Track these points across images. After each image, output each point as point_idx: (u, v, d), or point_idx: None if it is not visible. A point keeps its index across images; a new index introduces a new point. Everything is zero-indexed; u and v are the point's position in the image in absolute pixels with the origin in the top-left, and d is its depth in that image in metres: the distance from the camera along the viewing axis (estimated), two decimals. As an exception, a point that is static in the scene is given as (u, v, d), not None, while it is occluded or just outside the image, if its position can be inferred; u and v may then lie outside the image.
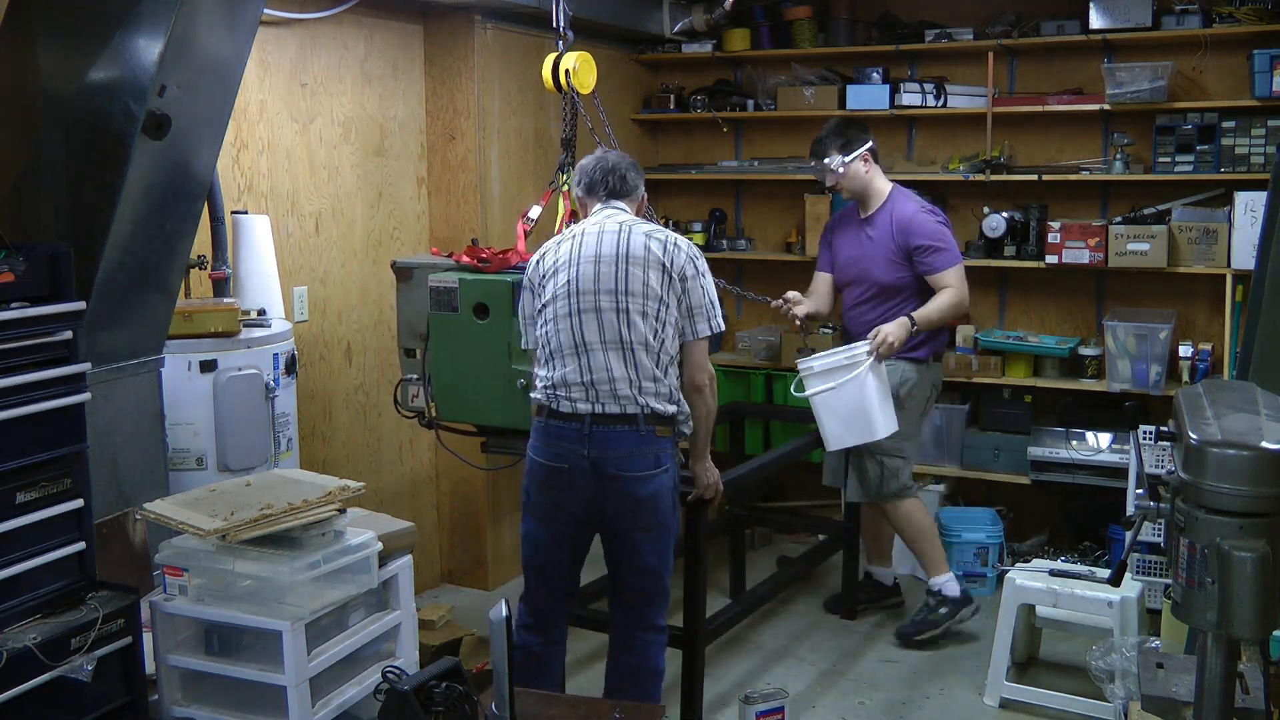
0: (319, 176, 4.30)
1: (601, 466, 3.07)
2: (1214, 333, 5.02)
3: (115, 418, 3.09)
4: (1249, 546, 1.86)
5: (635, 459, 3.07)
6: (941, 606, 4.39)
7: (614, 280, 3.09)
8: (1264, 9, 4.68)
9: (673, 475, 3.17)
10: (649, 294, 3.09)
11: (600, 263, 3.10)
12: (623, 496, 3.08)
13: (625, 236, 3.13)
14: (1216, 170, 4.79)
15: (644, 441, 3.07)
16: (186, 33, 2.86)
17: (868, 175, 4.32)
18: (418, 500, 4.88)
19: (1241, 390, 2.22)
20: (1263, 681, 2.21)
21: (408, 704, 2.23)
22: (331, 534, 2.89)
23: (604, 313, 3.08)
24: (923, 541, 4.42)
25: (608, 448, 3.06)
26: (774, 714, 3.49)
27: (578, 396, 3.09)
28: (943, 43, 5.31)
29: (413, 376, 3.86)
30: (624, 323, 3.07)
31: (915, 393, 4.34)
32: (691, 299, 3.14)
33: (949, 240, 4.25)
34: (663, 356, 3.10)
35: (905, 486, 4.38)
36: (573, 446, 3.08)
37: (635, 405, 3.06)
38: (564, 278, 3.13)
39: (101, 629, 2.64)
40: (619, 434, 3.06)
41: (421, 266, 3.80)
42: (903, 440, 4.31)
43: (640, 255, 3.10)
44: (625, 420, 3.06)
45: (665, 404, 3.09)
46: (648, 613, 3.23)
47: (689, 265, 3.14)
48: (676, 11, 5.68)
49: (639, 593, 3.21)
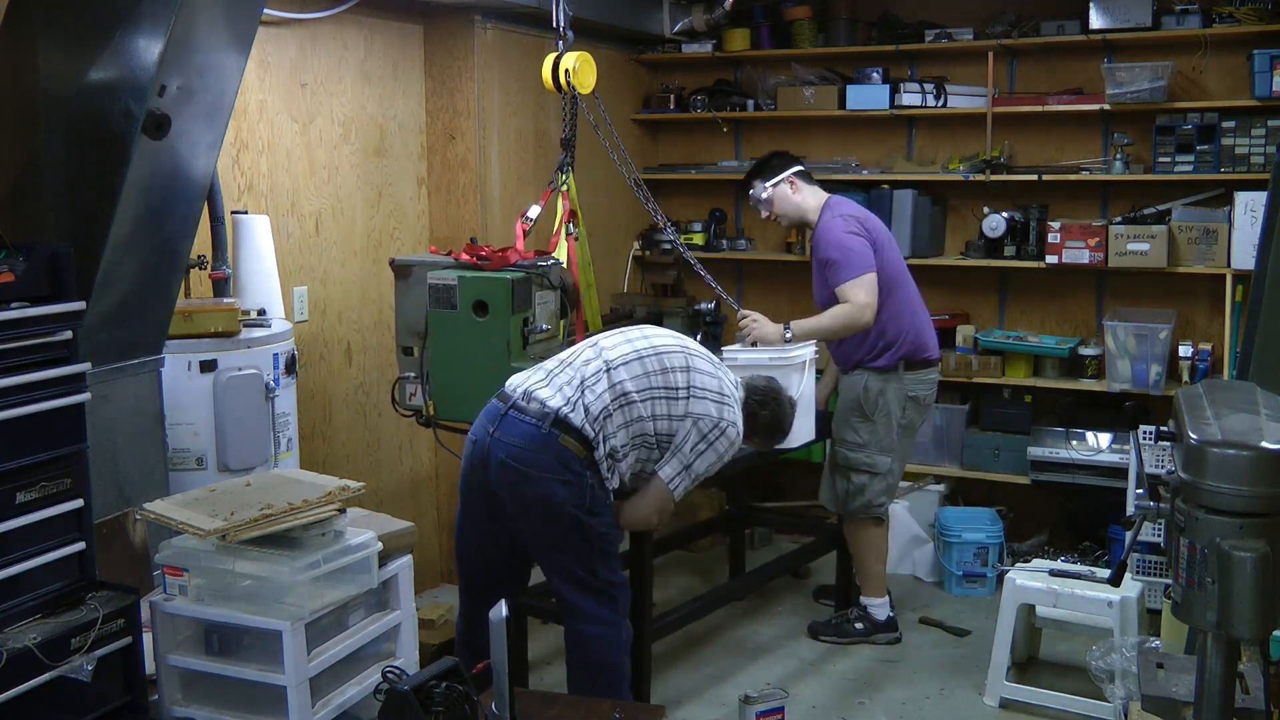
0: (319, 176, 4.30)
1: (491, 451, 3.04)
2: (1214, 333, 5.02)
3: (115, 418, 3.09)
4: (1249, 546, 1.86)
5: (525, 452, 3.01)
6: (860, 622, 4.41)
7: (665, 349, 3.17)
8: (1264, 9, 4.68)
9: (576, 492, 3.01)
10: (666, 375, 3.12)
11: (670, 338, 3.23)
12: (509, 487, 3.04)
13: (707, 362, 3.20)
14: (1216, 170, 4.78)
15: (541, 440, 3.00)
16: (186, 33, 2.86)
17: (798, 199, 4.25)
18: (418, 500, 4.89)
19: (1241, 390, 2.22)
20: (1263, 681, 2.21)
21: (408, 704, 2.23)
22: (331, 534, 2.89)
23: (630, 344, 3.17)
24: (868, 561, 4.38)
25: (509, 431, 3.03)
26: (774, 714, 3.50)
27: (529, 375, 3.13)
28: (943, 43, 5.31)
29: (410, 374, 3.86)
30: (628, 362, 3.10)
31: (880, 403, 4.21)
32: (684, 441, 3.11)
33: (851, 251, 4.05)
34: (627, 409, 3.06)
35: (871, 505, 4.27)
36: (485, 423, 3.10)
37: (556, 403, 3.02)
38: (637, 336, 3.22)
39: (101, 629, 2.63)
40: (521, 423, 3.03)
41: (420, 264, 3.80)
42: (874, 454, 4.23)
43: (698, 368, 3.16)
44: (536, 414, 3.02)
45: (587, 425, 3.02)
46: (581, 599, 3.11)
47: (707, 421, 3.12)
48: (676, 11, 5.68)
49: (560, 584, 3.14)
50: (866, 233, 4.13)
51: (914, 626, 4.57)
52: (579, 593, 3.11)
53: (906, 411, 4.26)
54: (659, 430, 3.11)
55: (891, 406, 4.22)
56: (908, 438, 4.36)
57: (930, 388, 4.33)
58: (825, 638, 4.43)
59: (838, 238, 4.10)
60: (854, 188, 5.41)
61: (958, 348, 5.25)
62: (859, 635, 4.40)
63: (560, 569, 3.13)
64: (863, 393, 4.22)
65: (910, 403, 4.26)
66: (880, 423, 4.23)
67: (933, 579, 5.03)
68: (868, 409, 4.22)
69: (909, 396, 4.24)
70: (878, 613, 4.41)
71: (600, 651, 3.13)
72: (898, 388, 4.22)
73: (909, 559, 5.11)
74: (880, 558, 4.38)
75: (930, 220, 5.36)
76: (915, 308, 4.28)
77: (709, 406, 3.12)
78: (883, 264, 4.13)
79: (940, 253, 5.51)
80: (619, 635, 3.15)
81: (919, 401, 4.29)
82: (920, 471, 5.32)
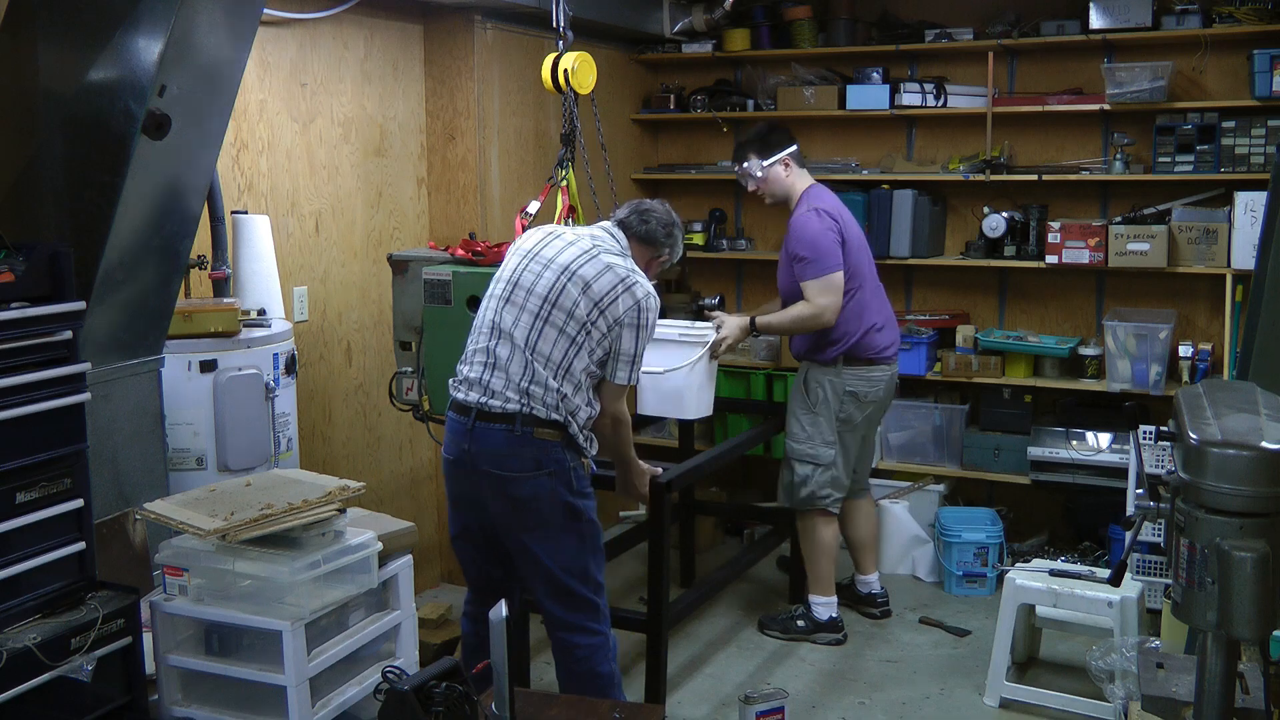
0: (319, 176, 4.30)
1: (477, 463, 3.07)
2: (1214, 333, 5.02)
3: (115, 418, 3.09)
4: (1249, 546, 1.86)
5: (510, 459, 3.04)
6: (802, 620, 4.43)
7: (549, 289, 3.09)
8: (1264, 9, 4.68)
9: (563, 480, 3.07)
10: (573, 315, 3.07)
11: (549, 268, 3.12)
12: (499, 495, 3.07)
13: (587, 258, 3.13)
14: (1216, 170, 4.78)
15: (519, 442, 3.03)
16: (186, 33, 2.86)
17: (789, 180, 4.26)
18: (418, 500, 4.89)
19: (1241, 390, 2.22)
20: (1263, 681, 2.21)
21: (408, 704, 2.23)
22: (331, 534, 2.89)
23: (525, 312, 3.10)
24: (816, 559, 4.39)
25: (484, 443, 3.05)
26: (774, 714, 3.49)
27: (470, 387, 3.11)
28: (943, 43, 5.31)
29: (407, 369, 3.87)
30: (537, 330, 3.07)
31: (820, 395, 4.24)
32: (620, 345, 3.12)
33: (820, 249, 4.08)
34: (563, 377, 3.06)
35: (815, 497, 4.29)
36: (458, 441, 3.11)
37: (515, 405, 3.04)
38: (514, 264, 3.19)
39: (101, 629, 2.64)
40: (494, 431, 3.04)
41: (417, 259, 3.82)
42: (818, 446, 4.26)
43: (586, 279, 3.09)
44: (504, 419, 3.04)
45: (551, 412, 3.05)
46: (568, 614, 3.15)
47: (630, 314, 3.10)
48: (676, 11, 5.68)
49: (547, 596, 3.15)
50: (839, 232, 4.15)
51: (914, 626, 4.58)
52: (567, 607, 3.14)
53: (845, 406, 4.27)
54: (601, 358, 3.13)
55: (830, 399, 4.26)
56: (850, 433, 4.34)
57: (874, 385, 4.29)
58: (770, 632, 4.47)
59: (811, 235, 4.11)
60: (854, 188, 5.42)
61: (958, 348, 5.25)
62: (800, 633, 4.42)
63: (549, 577, 3.12)
64: (804, 384, 4.29)
65: (849, 398, 4.27)
66: (822, 415, 4.27)
67: (933, 579, 5.04)
68: (810, 400, 4.28)
69: (846, 391, 4.26)
70: (821, 612, 4.42)
71: (591, 662, 3.16)
72: (835, 382, 4.25)
73: (909, 559, 5.12)
74: (827, 555, 4.38)
75: (930, 220, 5.36)
76: (870, 307, 4.27)
77: (620, 301, 3.09)
78: (846, 263, 4.16)
79: (940, 253, 5.51)
80: (607, 644, 3.20)
81: (858, 397, 4.28)
82: (920, 471, 5.32)
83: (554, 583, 3.12)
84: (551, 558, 3.10)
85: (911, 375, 5.31)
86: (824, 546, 4.37)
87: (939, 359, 5.35)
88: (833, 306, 4.09)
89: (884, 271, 5.50)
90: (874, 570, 4.68)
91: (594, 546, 3.17)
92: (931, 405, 5.37)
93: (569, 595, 3.14)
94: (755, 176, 4.26)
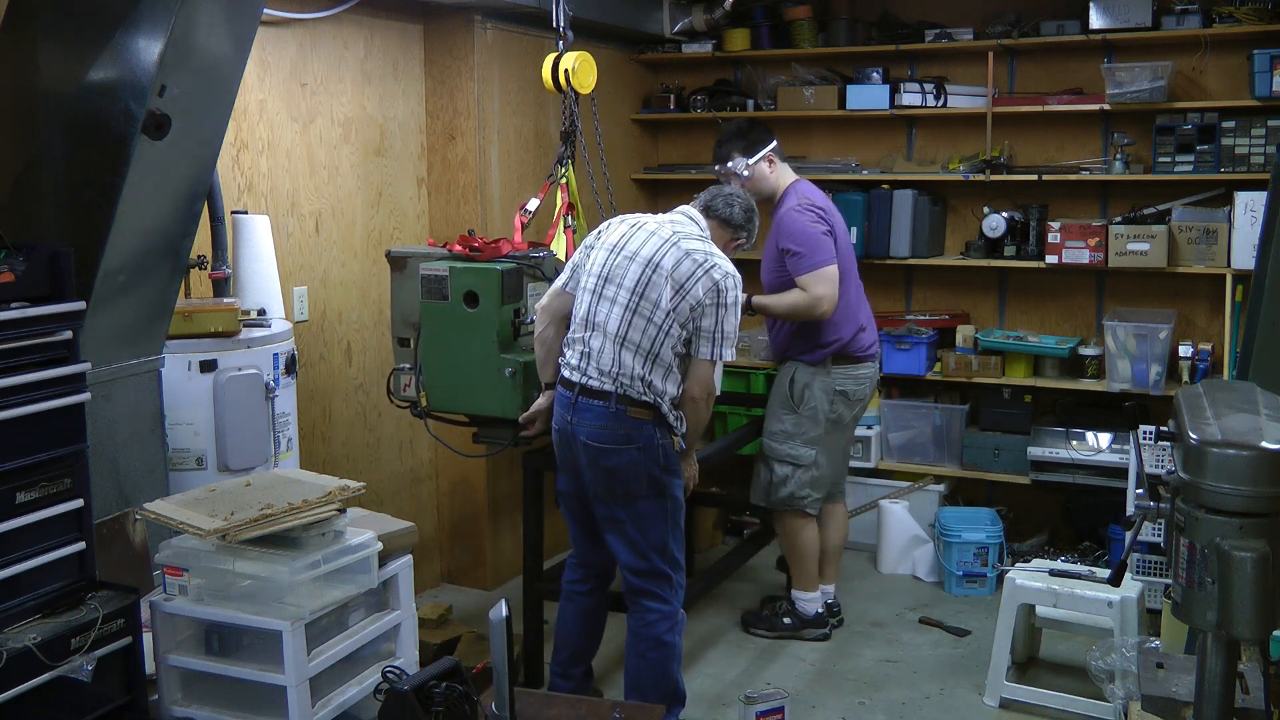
0: (319, 176, 4.30)
1: (577, 433, 3.35)
2: (1214, 333, 5.02)
3: (115, 418, 3.09)
4: (1249, 546, 1.86)
5: (603, 431, 3.32)
6: (788, 617, 4.44)
7: (635, 281, 3.33)
8: (1264, 9, 4.68)
9: (651, 456, 3.32)
10: (659, 304, 3.31)
11: (634, 261, 3.35)
12: (593, 465, 3.35)
13: (667, 247, 3.36)
14: (1216, 170, 4.78)
15: (613, 418, 3.31)
16: (186, 33, 2.86)
17: (773, 177, 4.26)
18: (418, 500, 4.89)
19: (1241, 390, 2.22)
20: (1263, 681, 2.21)
21: (408, 704, 2.23)
22: (331, 534, 2.89)
23: (616, 305, 3.33)
24: (798, 559, 4.40)
25: (583, 416, 3.34)
26: (774, 714, 3.50)
27: (576, 364, 3.37)
28: (943, 43, 5.31)
29: (405, 366, 3.88)
30: (627, 321, 3.32)
31: (807, 395, 4.24)
32: (703, 323, 3.34)
33: (812, 243, 4.07)
34: (656, 361, 3.32)
35: (795, 497, 4.29)
36: (563, 412, 3.40)
37: (612, 385, 3.31)
38: (602, 259, 3.40)
39: (101, 629, 2.64)
40: (593, 407, 3.33)
41: (415, 255, 3.82)
42: (799, 446, 4.26)
43: (668, 269, 3.32)
44: (601, 395, 3.32)
45: (642, 394, 3.31)
46: (642, 581, 3.41)
47: (709, 295, 3.32)
48: (676, 11, 5.68)
49: (627, 561, 3.41)
50: (829, 226, 4.15)
51: (914, 626, 4.58)
52: (644, 576, 3.40)
53: (835, 405, 4.29)
54: (687, 338, 3.36)
55: (819, 400, 4.25)
56: (838, 433, 4.36)
57: (861, 383, 4.32)
58: (756, 631, 4.48)
59: (801, 228, 4.10)
60: (854, 188, 5.42)
61: (958, 348, 5.25)
62: (787, 630, 4.43)
63: (631, 545, 3.38)
64: (790, 384, 4.27)
65: (839, 397, 4.28)
66: (806, 415, 4.26)
67: (933, 579, 5.03)
68: (795, 400, 4.27)
69: (837, 391, 4.27)
70: (806, 607, 4.43)
71: (658, 629, 3.41)
72: (824, 382, 4.25)
73: (909, 559, 5.11)
74: (809, 554, 4.39)
75: (930, 220, 5.36)
76: (856, 306, 4.28)
77: (700, 284, 3.31)
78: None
79: (940, 253, 5.51)
80: (676, 616, 3.45)
81: (848, 396, 4.30)
82: (920, 471, 5.32)
83: (635, 550, 3.39)
84: (636, 527, 3.37)
85: (911, 375, 5.32)
86: (806, 546, 4.38)
87: (939, 359, 5.35)
88: (829, 297, 4.07)
89: (884, 271, 5.55)
90: (833, 580, 4.62)
91: (675, 523, 3.42)
92: (931, 405, 5.37)
93: (648, 564, 3.40)
94: (741, 175, 4.24)
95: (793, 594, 4.46)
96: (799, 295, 4.10)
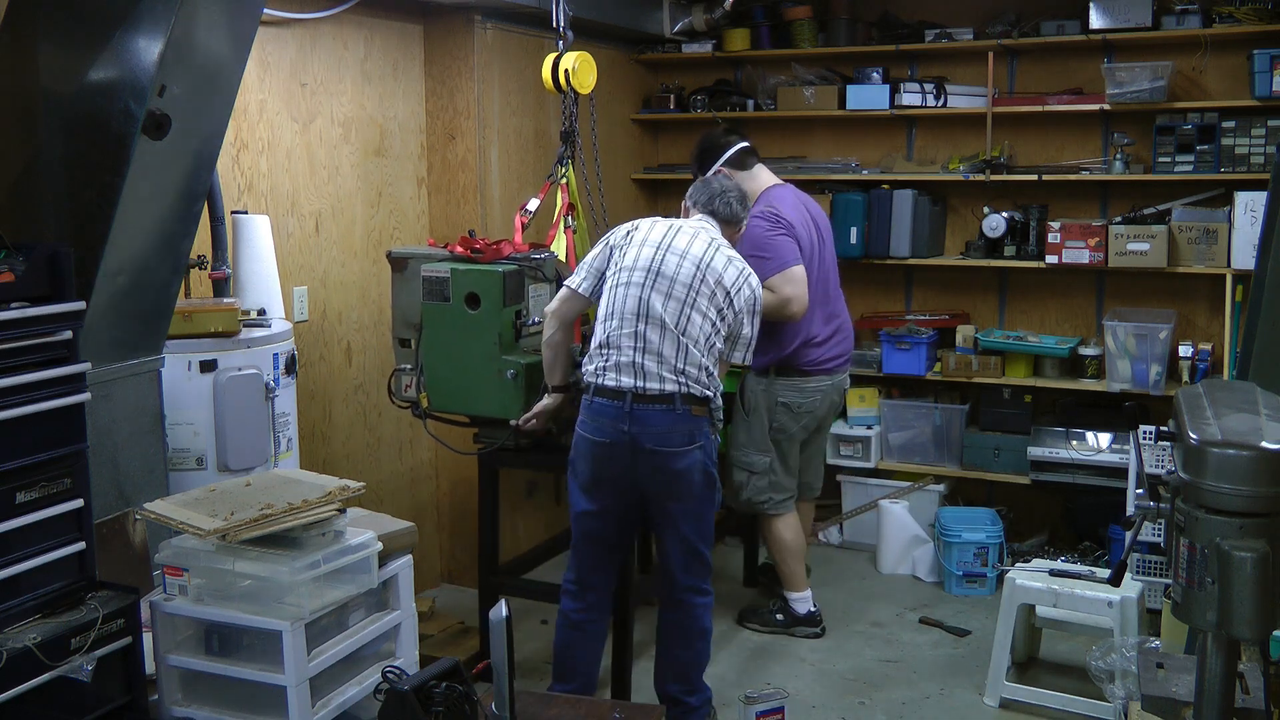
0: (319, 176, 4.30)
1: (639, 441, 3.32)
2: (1214, 333, 5.02)
3: (115, 418, 3.09)
4: (1249, 546, 1.86)
5: (671, 435, 3.32)
6: (781, 614, 4.49)
7: (691, 277, 3.37)
8: (1264, 9, 4.68)
9: (707, 452, 3.40)
10: (713, 302, 3.39)
11: (685, 259, 3.39)
12: (658, 470, 3.34)
13: (713, 251, 3.44)
14: (1216, 170, 4.79)
15: (680, 419, 3.33)
16: (186, 33, 2.86)
17: (751, 185, 4.19)
18: (418, 500, 4.88)
19: (1241, 390, 2.22)
20: (1263, 681, 2.22)
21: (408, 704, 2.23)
22: (331, 534, 2.89)
23: (673, 299, 3.35)
24: (782, 558, 4.44)
25: (646, 424, 3.31)
26: (774, 714, 3.50)
27: (624, 373, 3.33)
28: (943, 43, 5.31)
29: (406, 366, 3.88)
30: (685, 315, 3.35)
31: (754, 403, 4.28)
32: (742, 330, 3.47)
33: (770, 246, 4.04)
34: (709, 354, 3.39)
35: (754, 501, 4.34)
36: (615, 423, 3.33)
37: (675, 384, 3.32)
38: (649, 254, 3.40)
39: (101, 629, 2.63)
40: (656, 412, 3.31)
41: (416, 256, 3.82)
42: (751, 454, 4.31)
43: (719, 270, 3.41)
44: (663, 399, 3.31)
45: (703, 390, 3.37)
46: (689, 578, 3.50)
47: (749, 302, 3.46)
48: (676, 11, 5.68)
49: (679, 559, 3.48)
50: (789, 232, 4.09)
51: (914, 626, 4.58)
52: (692, 569, 3.49)
53: (777, 416, 4.29)
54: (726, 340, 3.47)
55: (761, 410, 4.29)
56: (787, 442, 4.35)
57: (808, 396, 4.29)
58: (750, 625, 4.53)
59: (760, 235, 4.04)
60: (854, 188, 5.42)
61: (958, 348, 5.25)
62: (779, 626, 4.49)
63: (684, 542, 3.46)
64: (741, 392, 4.33)
65: (781, 409, 4.29)
66: (755, 423, 4.31)
67: (933, 579, 5.03)
68: (746, 408, 4.33)
69: (779, 402, 4.28)
70: (798, 607, 4.47)
71: (703, 619, 3.54)
72: (766, 392, 4.28)
73: (909, 559, 5.11)
74: (793, 554, 4.42)
75: (930, 220, 5.36)
76: (808, 320, 4.19)
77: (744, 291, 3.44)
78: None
79: (940, 253, 5.51)
80: (712, 601, 3.59)
81: (790, 409, 4.28)
82: (920, 471, 5.32)
83: (687, 546, 3.46)
84: (690, 523, 3.44)
85: (911, 375, 5.33)
86: (787, 546, 4.41)
87: (939, 359, 5.35)
88: (798, 297, 4.03)
89: (884, 271, 5.55)
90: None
91: (715, 506, 3.52)
92: (931, 405, 5.37)
93: (697, 557, 3.48)
94: None
95: (784, 595, 4.50)
96: (769, 296, 4.01)
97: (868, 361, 5.42)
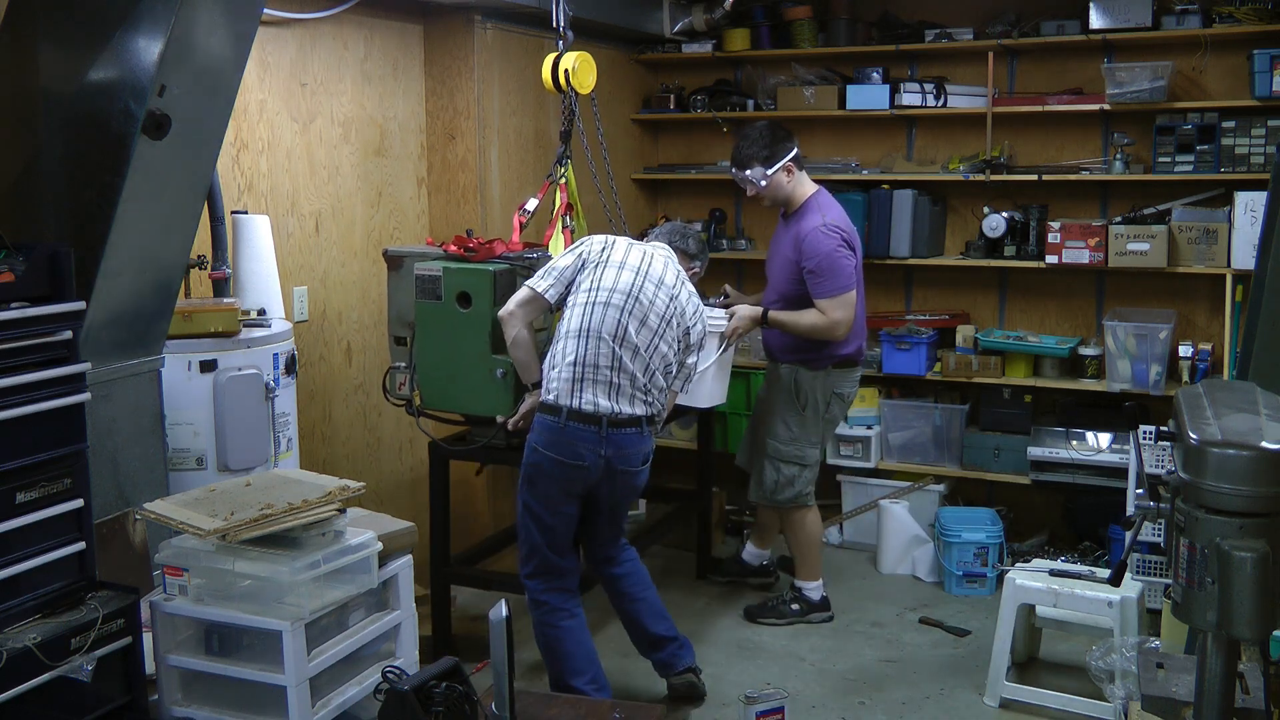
0: (319, 176, 4.30)
1: (613, 463, 3.47)
2: (1214, 333, 5.02)
3: (115, 418, 3.09)
4: (1249, 546, 1.86)
5: (638, 455, 3.54)
6: (795, 603, 4.54)
7: (665, 309, 3.55)
8: (1264, 9, 4.68)
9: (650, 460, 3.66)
10: (676, 334, 3.58)
11: (660, 288, 3.55)
12: (624, 485, 3.58)
13: (679, 283, 3.63)
14: (1216, 170, 4.79)
15: (645, 440, 3.55)
16: (186, 33, 2.86)
17: (790, 186, 4.29)
18: (418, 500, 4.88)
19: (1241, 390, 2.22)
20: (1263, 681, 2.21)
21: (408, 704, 2.23)
22: (331, 534, 2.89)
23: (646, 327, 3.50)
24: (805, 550, 4.53)
25: (621, 446, 3.47)
26: (774, 714, 3.49)
27: (600, 394, 3.43)
28: (943, 43, 5.31)
29: (401, 364, 3.90)
30: (653, 344, 3.52)
31: (809, 397, 4.36)
32: (688, 359, 3.68)
33: (834, 267, 4.14)
34: (665, 379, 3.60)
35: (801, 495, 4.43)
36: (592, 447, 3.43)
37: (644, 408, 3.51)
38: (629, 279, 3.51)
39: (101, 629, 2.64)
40: (629, 435, 3.48)
41: (411, 255, 3.84)
42: (804, 447, 4.39)
43: (683, 303, 3.60)
44: (633, 422, 3.48)
45: (661, 410, 3.63)
46: (621, 540, 3.81)
47: (699, 336, 3.67)
48: (676, 11, 5.68)
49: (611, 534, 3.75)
50: (852, 250, 4.22)
51: (914, 626, 4.58)
52: (620, 532, 3.77)
53: (831, 407, 4.42)
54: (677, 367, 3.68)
55: (820, 402, 4.37)
56: (830, 430, 4.55)
57: (854, 384, 4.51)
58: (766, 620, 4.54)
59: (828, 253, 4.16)
60: (854, 188, 5.42)
61: (958, 348, 5.25)
62: (795, 615, 4.52)
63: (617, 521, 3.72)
64: (794, 386, 4.36)
65: (835, 399, 4.42)
66: (810, 416, 4.37)
67: (933, 579, 5.03)
68: (800, 402, 4.36)
69: (835, 393, 4.40)
70: (813, 594, 4.54)
71: (638, 561, 3.82)
72: (825, 384, 4.36)
73: (909, 559, 5.11)
74: (816, 542, 4.53)
75: (930, 220, 5.36)
76: (860, 319, 4.38)
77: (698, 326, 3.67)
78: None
79: (940, 253, 5.51)
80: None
81: (843, 398, 4.45)
82: (920, 471, 5.32)
83: (617, 524, 3.74)
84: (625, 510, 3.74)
85: (911, 375, 5.32)
86: (814, 536, 4.51)
87: (939, 359, 5.35)
88: (846, 322, 4.19)
89: (884, 271, 5.55)
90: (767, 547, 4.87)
91: None
92: (931, 405, 5.37)
93: (620, 527, 3.79)
94: (757, 184, 4.28)
95: (797, 583, 4.55)
96: (818, 318, 4.19)
97: (868, 361, 5.40)
